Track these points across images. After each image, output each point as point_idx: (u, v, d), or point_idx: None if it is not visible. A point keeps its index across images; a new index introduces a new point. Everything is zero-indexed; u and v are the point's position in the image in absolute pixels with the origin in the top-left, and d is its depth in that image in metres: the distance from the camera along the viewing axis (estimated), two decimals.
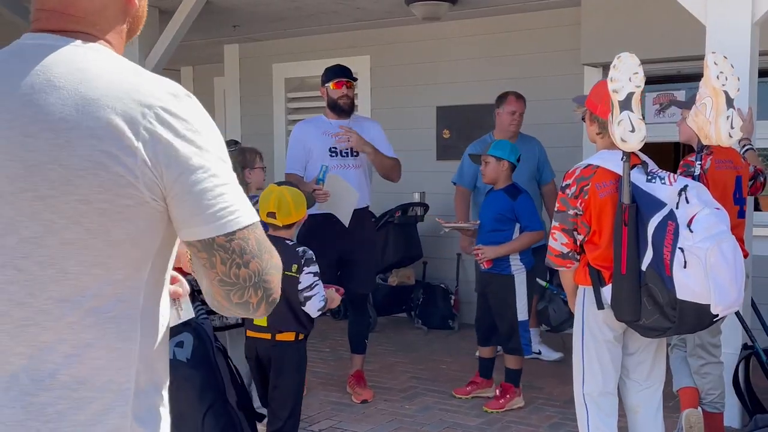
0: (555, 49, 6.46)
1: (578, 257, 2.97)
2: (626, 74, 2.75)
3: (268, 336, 3.47)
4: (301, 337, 3.49)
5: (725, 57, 3.01)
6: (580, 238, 2.93)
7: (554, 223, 2.97)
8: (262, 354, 3.53)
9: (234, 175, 1.29)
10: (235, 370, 3.76)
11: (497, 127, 5.47)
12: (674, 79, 6.20)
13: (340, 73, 4.87)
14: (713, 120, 2.88)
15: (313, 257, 3.42)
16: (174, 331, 3.61)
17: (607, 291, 2.86)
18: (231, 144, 7.42)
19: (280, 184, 3.57)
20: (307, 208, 3.59)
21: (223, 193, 1.24)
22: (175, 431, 1.47)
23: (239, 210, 1.25)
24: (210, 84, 9.71)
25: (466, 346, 5.98)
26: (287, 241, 3.43)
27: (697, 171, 3.27)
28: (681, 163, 4.07)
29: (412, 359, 5.84)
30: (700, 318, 2.68)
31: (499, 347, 4.88)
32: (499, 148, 4.54)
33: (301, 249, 3.42)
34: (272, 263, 1.29)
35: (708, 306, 2.63)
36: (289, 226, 3.45)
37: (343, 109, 4.84)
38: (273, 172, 7.31)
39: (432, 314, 6.87)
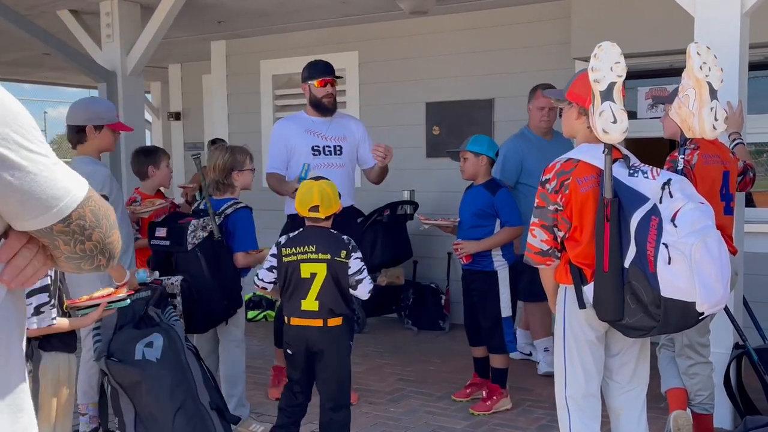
0: (545, 42, 6.40)
1: (559, 254, 2.89)
2: (607, 63, 2.68)
3: (319, 322, 3.52)
4: (344, 322, 3.59)
5: (708, 47, 2.93)
6: (560, 234, 2.85)
7: (533, 219, 2.89)
8: (312, 342, 3.54)
9: (51, 152, 1.22)
10: (208, 371, 3.70)
11: (530, 123, 5.38)
12: (666, 73, 6.13)
13: (324, 72, 4.78)
14: (696, 112, 2.80)
15: (356, 244, 3.62)
16: (144, 331, 3.60)
17: (589, 289, 2.77)
18: (216, 143, 7.34)
19: (317, 179, 3.69)
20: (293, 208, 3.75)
21: (48, 178, 1.19)
22: (145, 431, 1.44)
23: (69, 190, 1.22)
24: (198, 82, 9.64)
25: (456, 347, 5.91)
26: (331, 231, 3.62)
27: (681, 165, 3.18)
28: (667, 159, 4.01)
29: (400, 361, 5.77)
30: (685, 316, 2.60)
31: None
32: (477, 143, 4.50)
33: (345, 237, 3.60)
34: (110, 223, 1.29)
35: (693, 304, 2.55)
36: (329, 218, 3.60)
37: (327, 108, 4.77)
38: (261, 172, 7.25)
39: (422, 315, 6.80)
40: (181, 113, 10.14)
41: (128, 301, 3.41)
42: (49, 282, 2.74)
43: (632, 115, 6.32)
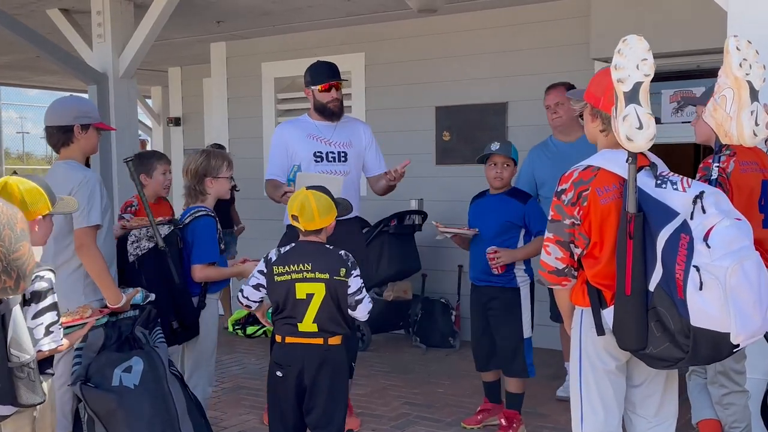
0: (562, 43, 6.19)
1: (575, 274, 2.64)
2: (633, 61, 2.41)
3: (320, 341, 3.30)
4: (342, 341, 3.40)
5: (750, 42, 2.67)
6: (577, 251, 2.60)
7: (547, 234, 2.64)
8: (310, 362, 3.29)
9: None
10: (194, 399, 3.48)
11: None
12: (693, 74, 5.89)
13: (327, 75, 4.53)
14: (735, 115, 2.53)
15: (355, 260, 3.41)
16: (124, 355, 3.38)
17: (608, 314, 2.52)
18: (214, 147, 7.15)
19: (311, 188, 3.44)
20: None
21: None
22: None
23: None
24: (199, 85, 9.47)
25: (466, 367, 5.66)
26: (326, 246, 3.39)
27: (715, 174, 2.92)
28: (700, 166, 3.75)
29: (406, 382, 5.53)
30: (717, 348, 2.34)
31: None
32: (514, 151, 4.30)
33: (343, 252, 3.38)
34: (15, 235, 1.10)
35: (727, 335, 2.29)
36: (316, 232, 3.36)
37: (333, 113, 4.54)
38: (262, 179, 7.06)
39: (431, 331, 6.55)
40: (181, 118, 9.97)
41: (106, 318, 3.25)
42: (57, 299, 2.60)
43: (656, 119, 6.08)
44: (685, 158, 8.30)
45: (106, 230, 3.76)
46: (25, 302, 2.48)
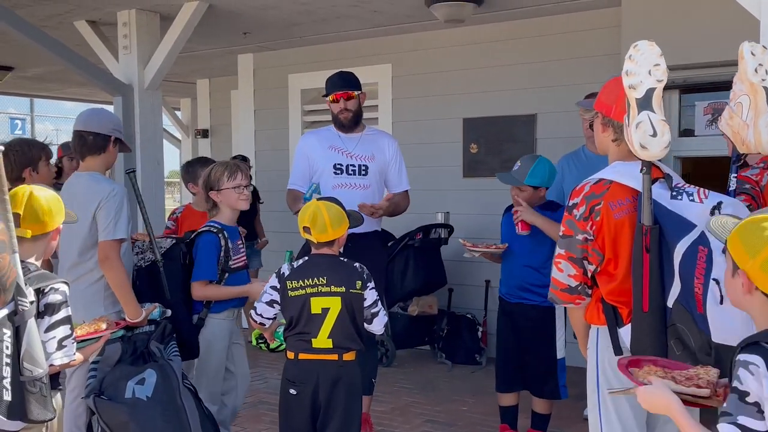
0: (592, 54, 6.13)
1: (589, 291, 2.58)
2: (645, 66, 2.37)
3: (334, 357, 3.26)
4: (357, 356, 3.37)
5: (765, 47, 2.60)
6: (591, 268, 2.55)
7: (559, 251, 2.58)
8: (325, 378, 3.25)
9: None
10: (207, 413, 3.48)
11: None
12: (727, 85, 5.70)
13: (334, 86, 4.55)
14: (751, 122, 2.47)
15: (369, 272, 3.39)
16: (138, 368, 3.40)
17: (625, 332, 2.46)
18: (237, 159, 7.18)
19: (324, 198, 3.43)
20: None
21: None
22: None
23: None
24: (227, 97, 9.56)
25: (492, 385, 5.56)
26: (341, 258, 3.36)
27: (733, 186, 2.85)
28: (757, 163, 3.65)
29: (429, 399, 5.48)
30: None
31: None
32: (538, 176, 4.11)
33: (357, 264, 3.36)
34: None
35: None
36: (328, 243, 3.33)
37: (343, 124, 4.54)
38: None
39: (457, 347, 6.50)
40: (209, 130, 10.06)
41: (122, 332, 3.26)
42: (70, 313, 2.60)
43: (690, 132, 6.00)
44: (722, 170, 8.16)
45: (127, 244, 3.79)
46: (39, 314, 2.46)
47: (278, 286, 3.31)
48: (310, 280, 3.26)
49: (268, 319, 3.39)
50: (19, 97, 14.78)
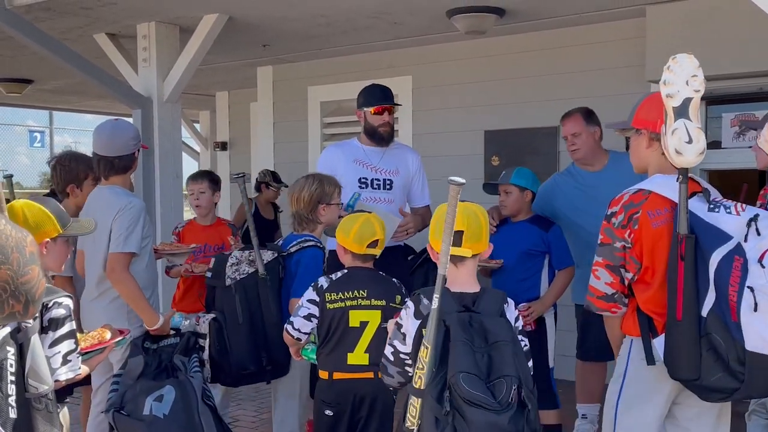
0: (616, 65, 6.13)
1: (626, 300, 2.61)
2: (683, 77, 2.46)
3: (370, 375, 3.19)
4: None
5: None
6: (628, 276, 2.59)
7: (597, 258, 2.63)
8: (362, 397, 3.23)
9: None
10: (226, 430, 3.49)
11: None
12: (756, 97, 5.77)
13: (381, 98, 4.54)
14: None
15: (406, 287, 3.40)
16: (158, 383, 3.41)
17: (659, 342, 2.49)
18: (266, 175, 7.23)
19: (360, 212, 3.45)
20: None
21: None
22: None
23: None
24: (246, 110, 9.63)
25: None
26: (380, 273, 3.34)
27: None
28: (761, 193, 3.67)
29: None
30: None
31: None
32: (523, 177, 4.33)
33: (396, 280, 3.38)
34: (24, 258, 1.12)
35: None
36: (372, 257, 3.34)
37: (383, 137, 4.55)
38: None
39: None
40: (228, 143, 10.14)
41: (127, 339, 3.20)
42: (75, 327, 2.60)
43: (716, 144, 5.96)
44: (750, 183, 8.09)
45: (149, 256, 3.81)
46: (42, 330, 2.45)
47: (316, 299, 3.27)
48: (350, 292, 3.24)
49: (305, 333, 3.32)
50: (38, 110, 14.96)
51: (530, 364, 2.56)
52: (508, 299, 2.54)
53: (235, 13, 5.83)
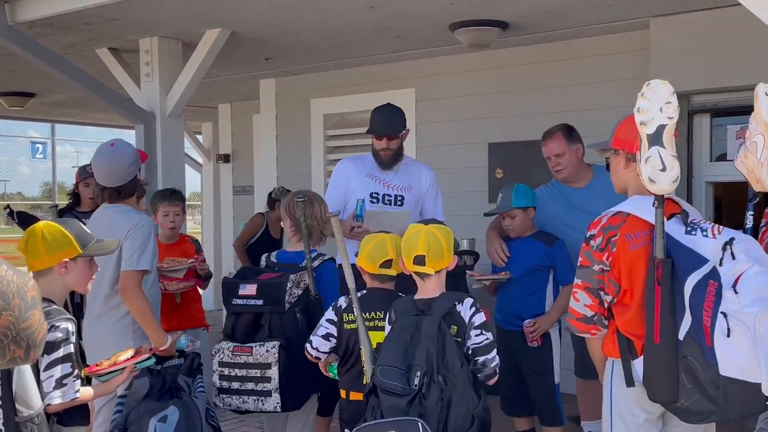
0: (620, 77, 6.18)
1: (605, 322, 2.70)
2: (657, 104, 2.51)
3: None
4: None
5: None
6: (608, 299, 2.67)
7: (576, 281, 2.71)
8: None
9: None
10: None
11: None
12: None
13: (378, 128, 4.57)
14: (765, 162, 2.58)
15: None
16: (162, 404, 3.46)
17: (639, 364, 2.58)
18: (283, 193, 7.25)
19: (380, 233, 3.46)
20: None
21: None
22: None
23: None
24: (249, 122, 9.72)
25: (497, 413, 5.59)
26: (399, 294, 3.32)
27: (749, 223, 2.93)
28: (766, 211, 3.71)
29: None
30: (750, 400, 2.37)
31: None
32: (523, 197, 4.37)
33: None
34: (25, 303, 1.16)
35: (759, 385, 2.32)
36: (392, 279, 3.38)
37: (383, 161, 4.62)
38: None
39: None
40: (231, 155, 10.22)
41: (153, 359, 3.22)
42: (72, 350, 2.63)
43: (722, 156, 6.01)
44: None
45: (153, 274, 3.87)
46: None
47: (335, 319, 3.35)
48: (368, 313, 3.27)
49: (324, 353, 3.39)
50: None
51: (489, 356, 2.92)
52: (466, 299, 3.00)
53: (237, 27, 5.92)
